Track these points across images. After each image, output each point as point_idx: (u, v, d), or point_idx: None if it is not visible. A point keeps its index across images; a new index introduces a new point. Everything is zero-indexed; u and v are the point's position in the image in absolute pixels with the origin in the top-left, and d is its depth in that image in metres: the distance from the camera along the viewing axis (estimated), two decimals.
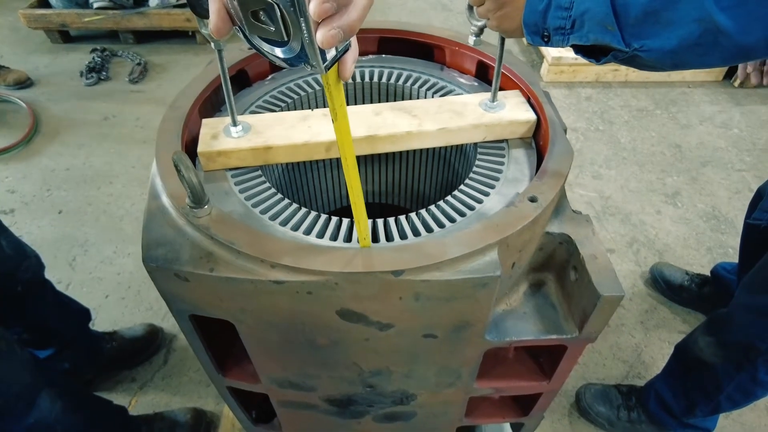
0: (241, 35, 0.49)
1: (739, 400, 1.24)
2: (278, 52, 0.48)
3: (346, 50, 0.49)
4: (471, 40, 1.06)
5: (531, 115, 0.92)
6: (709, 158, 2.53)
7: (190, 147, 0.89)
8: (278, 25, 0.44)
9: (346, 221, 0.78)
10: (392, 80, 1.09)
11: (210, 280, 0.68)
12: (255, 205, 0.81)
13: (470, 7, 0.86)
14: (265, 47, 0.48)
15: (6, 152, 2.44)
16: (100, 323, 1.77)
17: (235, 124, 0.87)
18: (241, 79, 1.07)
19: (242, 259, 0.68)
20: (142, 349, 1.64)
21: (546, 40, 0.71)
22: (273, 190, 0.85)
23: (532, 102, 0.95)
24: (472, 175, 0.88)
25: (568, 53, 2.91)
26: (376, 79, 1.09)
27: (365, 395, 0.93)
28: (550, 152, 0.82)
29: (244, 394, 1.04)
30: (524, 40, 0.74)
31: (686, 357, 1.33)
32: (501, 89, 0.97)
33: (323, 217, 0.79)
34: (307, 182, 1.16)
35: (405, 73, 1.10)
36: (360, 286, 0.66)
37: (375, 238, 0.76)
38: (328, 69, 0.48)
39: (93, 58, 3.04)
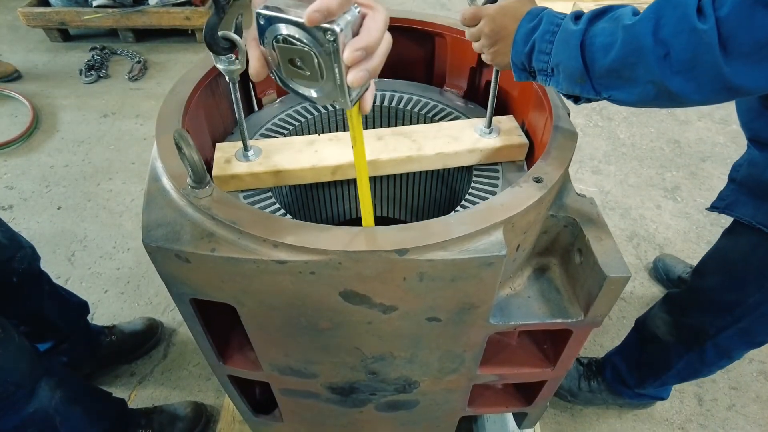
0: (276, 77, 0.57)
1: (686, 377, 1.32)
2: (312, 92, 0.56)
3: (366, 88, 0.58)
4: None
5: (523, 140, 0.96)
6: (708, 153, 2.53)
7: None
8: (314, 70, 0.52)
9: None
10: (393, 103, 1.14)
11: (211, 260, 0.67)
12: None
13: None
14: (300, 89, 0.57)
15: (6, 147, 2.43)
16: (99, 318, 1.76)
17: (246, 148, 0.91)
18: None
19: (244, 239, 0.67)
20: (141, 344, 1.63)
21: (533, 76, 0.77)
22: (282, 210, 0.89)
23: (536, 87, 0.95)
24: (467, 197, 0.91)
25: None
26: (378, 102, 1.14)
27: (368, 382, 0.92)
28: (554, 134, 0.82)
29: (245, 384, 1.04)
30: None
31: (644, 331, 1.36)
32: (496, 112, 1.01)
33: None
34: (312, 198, 1.21)
35: (405, 97, 1.15)
36: (363, 265, 0.65)
37: None
38: (353, 104, 0.57)
39: (92, 56, 3.03)
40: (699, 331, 1.17)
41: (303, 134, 1.10)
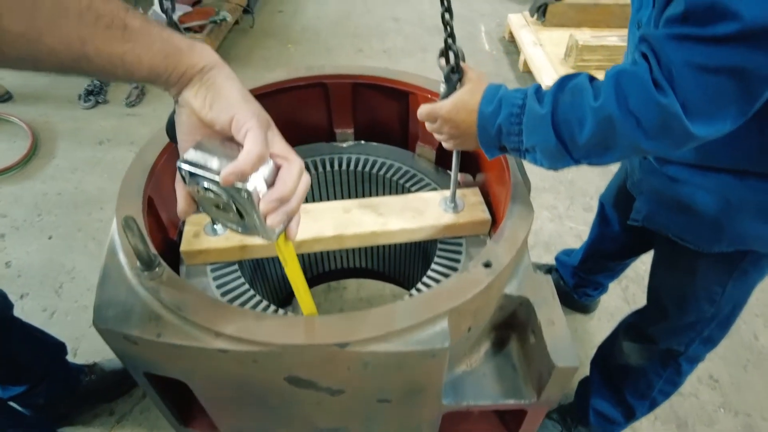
0: (204, 212, 0.61)
1: (669, 391, 1.33)
2: (237, 228, 0.60)
3: (289, 220, 0.59)
4: (442, 87, 1.07)
5: (486, 216, 0.96)
6: None
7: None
8: (235, 214, 0.57)
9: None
10: (367, 168, 1.17)
11: (158, 344, 0.68)
12: (230, 301, 0.86)
13: (441, 54, 0.87)
14: (227, 224, 0.61)
15: (4, 173, 2.46)
16: (83, 353, 1.76)
17: (215, 223, 0.92)
18: None
19: (189, 326, 0.67)
20: (121, 382, 1.62)
21: (504, 151, 0.80)
22: (246, 285, 0.89)
23: (501, 159, 0.95)
24: (429, 272, 0.92)
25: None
26: (352, 167, 1.17)
27: None
28: (509, 213, 0.82)
29: None
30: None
31: (612, 367, 1.37)
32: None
33: (281, 311, 0.82)
34: (274, 264, 1.22)
35: (379, 161, 1.18)
36: (304, 356, 0.66)
37: None
38: (278, 237, 0.59)
39: (92, 81, 3.07)
40: (670, 352, 1.21)
41: None
